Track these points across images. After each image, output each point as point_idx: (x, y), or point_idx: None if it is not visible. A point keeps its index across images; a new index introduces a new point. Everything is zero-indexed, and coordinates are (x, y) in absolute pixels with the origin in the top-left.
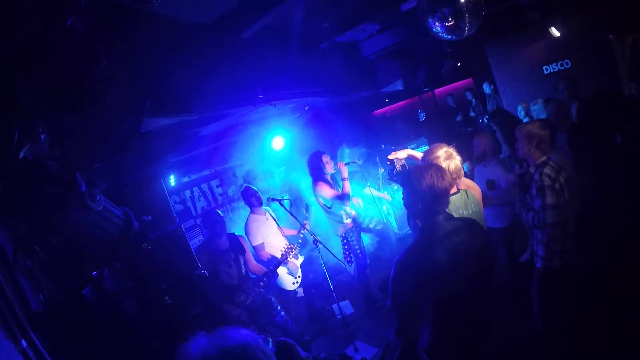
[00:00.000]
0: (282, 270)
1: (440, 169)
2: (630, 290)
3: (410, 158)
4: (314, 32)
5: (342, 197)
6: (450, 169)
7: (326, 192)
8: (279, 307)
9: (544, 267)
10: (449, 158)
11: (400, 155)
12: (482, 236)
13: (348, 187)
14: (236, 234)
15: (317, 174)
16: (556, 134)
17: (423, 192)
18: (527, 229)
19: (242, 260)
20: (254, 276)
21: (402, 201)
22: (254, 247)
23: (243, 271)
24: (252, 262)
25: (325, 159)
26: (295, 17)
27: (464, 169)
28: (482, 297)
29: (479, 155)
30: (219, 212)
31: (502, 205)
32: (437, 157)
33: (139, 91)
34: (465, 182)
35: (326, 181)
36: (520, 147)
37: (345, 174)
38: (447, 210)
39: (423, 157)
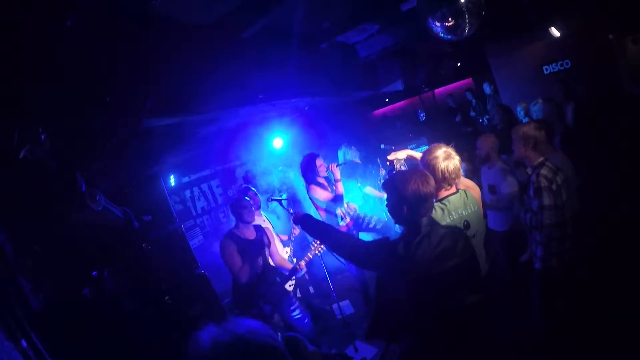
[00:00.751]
0: None
1: (424, 175)
2: (629, 290)
3: (409, 158)
4: (314, 32)
5: (336, 199)
6: (450, 169)
7: (319, 195)
8: (297, 303)
9: (543, 267)
10: (447, 158)
11: (399, 155)
12: (467, 247)
13: (341, 188)
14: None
15: (310, 177)
16: (553, 135)
17: (408, 197)
18: (526, 230)
19: (267, 252)
20: (279, 269)
21: (387, 207)
22: None
23: (267, 262)
24: (277, 255)
25: (319, 162)
26: (295, 17)
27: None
28: (465, 308)
29: (482, 157)
30: (247, 198)
31: (502, 209)
32: (436, 157)
33: (139, 91)
34: (465, 182)
35: (318, 184)
36: (516, 149)
37: (338, 176)
38: (432, 215)
39: (422, 157)
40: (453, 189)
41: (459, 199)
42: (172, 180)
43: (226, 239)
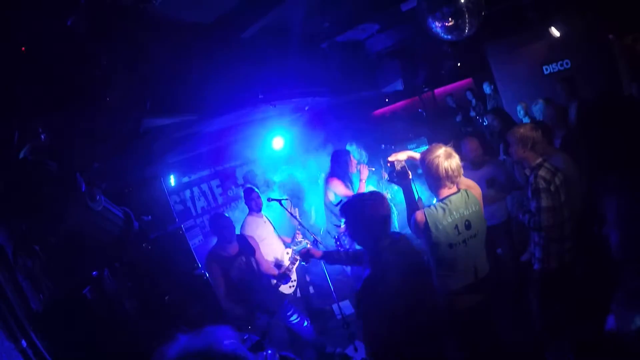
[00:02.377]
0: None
1: (378, 197)
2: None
3: (410, 159)
4: (314, 32)
5: None
6: (453, 167)
7: (340, 189)
8: (293, 308)
9: (542, 268)
10: (449, 157)
11: (400, 156)
12: (418, 252)
13: (364, 189)
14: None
15: (338, 171)
16: (552, 135)
17: (365, 220)
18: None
19: (253, 262)
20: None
21: (347, 232)
22: None
23: (256, 272)
24: (264, 263)
25: (352, 158)
26: (296, 17)
27: None
28: (430, 310)
29: (472, 158)
30: (227, 214)
31: (502, 198)
32: (438, 157)
33: (139, 91)
34: (466, 182)
35: (342, 179)
36: (514, 151)
37: (365, 176)
38: (434, 215)
39: (422, 158)
40: (454, 189)
41: (460, 199)
42: (172, 180)
43: (209, 261)
